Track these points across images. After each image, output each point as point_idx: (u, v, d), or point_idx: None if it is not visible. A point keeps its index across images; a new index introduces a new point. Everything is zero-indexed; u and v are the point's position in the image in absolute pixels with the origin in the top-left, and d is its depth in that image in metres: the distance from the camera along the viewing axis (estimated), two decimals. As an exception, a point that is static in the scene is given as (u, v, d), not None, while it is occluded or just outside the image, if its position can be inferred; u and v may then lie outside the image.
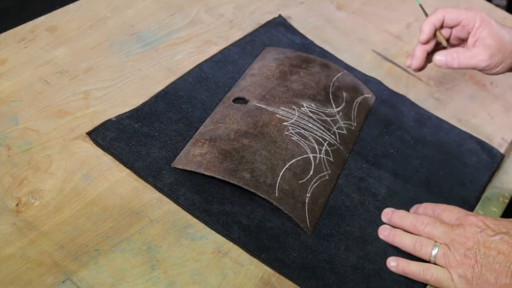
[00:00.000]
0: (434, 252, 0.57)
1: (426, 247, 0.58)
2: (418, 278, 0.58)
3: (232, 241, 0.58)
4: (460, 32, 0.71)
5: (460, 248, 0.55)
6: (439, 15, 0.70)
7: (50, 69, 0.69)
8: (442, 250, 0.57)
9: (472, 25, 0.69)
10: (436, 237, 0.58)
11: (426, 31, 0.70)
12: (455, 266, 0.55)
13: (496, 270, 0.54)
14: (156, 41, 0.77)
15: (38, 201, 0.57)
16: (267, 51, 0.79)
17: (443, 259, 0.56)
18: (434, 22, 0.70)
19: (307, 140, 0.66)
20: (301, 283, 0.56)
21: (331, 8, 0.92)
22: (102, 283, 0.52)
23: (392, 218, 0.62)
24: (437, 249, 0.57)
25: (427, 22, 0.70)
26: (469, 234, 0.56)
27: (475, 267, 0.54)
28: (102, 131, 0.63)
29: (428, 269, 0.57)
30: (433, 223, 0.58)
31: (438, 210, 0.60)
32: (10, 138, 0.61)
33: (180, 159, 0.62)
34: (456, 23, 0.70)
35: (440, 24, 0.70)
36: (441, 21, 0.70)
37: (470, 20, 0.69)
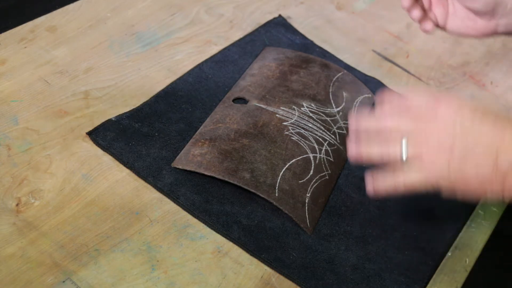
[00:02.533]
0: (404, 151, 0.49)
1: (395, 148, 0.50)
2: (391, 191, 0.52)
3: (232, 241, 0.58)
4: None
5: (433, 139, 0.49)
6: None
7: (50, 69, 0.69)
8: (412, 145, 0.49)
9: None
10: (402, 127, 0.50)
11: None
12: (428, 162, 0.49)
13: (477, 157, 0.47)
14: (156, 41, 0.77)
15: (38, 201, 0.57)
16: (267, 51, 0.79)
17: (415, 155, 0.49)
18: None
19: (307, 140, 0.66)
20: (301, 283, 0.56)
21: (331, 8, 0.92)
22: (102, 283, 0.52)
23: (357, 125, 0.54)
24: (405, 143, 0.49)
25: None
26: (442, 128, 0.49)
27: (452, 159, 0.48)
28: (102, 131, 0.63)
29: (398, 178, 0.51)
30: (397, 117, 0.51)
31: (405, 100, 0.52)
32: (10, 138, 0.61)
33: (180, 159, 0.62)
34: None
35: None
36: None
37: None
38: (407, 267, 0.60)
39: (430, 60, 0.86)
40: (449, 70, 0.86)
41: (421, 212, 0.65)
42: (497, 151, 0.47)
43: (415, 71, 0.84)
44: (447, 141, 0.48)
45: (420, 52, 0.87)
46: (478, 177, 0.48)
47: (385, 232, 0.62)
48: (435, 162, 0.48)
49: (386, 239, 0.62)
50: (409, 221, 0.64)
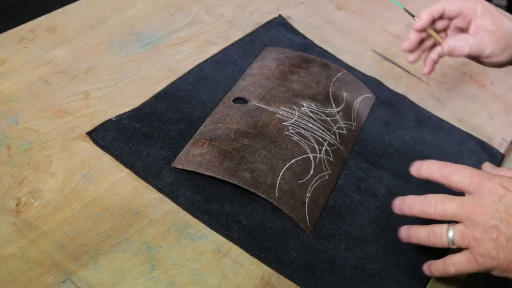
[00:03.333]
0: (450, 235, 0.51)
1: (441, 233, 0.52)
2: (444, 275, 0.54)
3: (232, 241, 0.58)
4: (461, 22, 0.70)
5: (479, 223, 0.49)
6: (440, 6, 0.69)
7: (50, 69, 0.69)
8: (459, 231, 0.50)
9: (473, 14, 0.68)
10: (449, 216, 0.51)
11: (423, 19, 0.69)
12: (475, 245, 0.49)
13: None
14: (156, 41, 0.77)
15: (38, 201, 0.57)
16: (267, 51, 0.79)
17: (462, 240, 0.50)
18: (433, 11, 0.69)
19: (307, 140, 0.66)
20: (301, 283, 0.56)
21: (331, 8, 0.92)
22: (102, 283, 0.52)
23: (403, 209, 0.56)
24: (452, 231, 0.51)
25: (426, 10, 0.69)
26: (486, 204, 0.49)
27: (498, 241, 0.48)
28: (102, 131, 0.63)
29: (448, 263, 0.52)
30: (441, 201, 0.52)
31: (447, 172, 0.53)
32: (10, 138, 0.61)
33: (180, 159, 0.62)
34: (457, 14, 0.69)
35: (440, 14, 0.69)
36: (441, 11, 0.69)
37: (471, 9, 0.68)
38: (407, 267, 0.60)
39: (430, 60, 0.86)
40: (449, 70, 0.87)
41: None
42: None
43: (415, 71, 0.84)
44: (492, 222, 0.48)
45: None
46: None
47: (385, 232, 0.62)
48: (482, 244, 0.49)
49: (386, 239, 0.62)
50: (409, 221, 0.64)
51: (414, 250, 0.61)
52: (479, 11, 0.68)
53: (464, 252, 0.51)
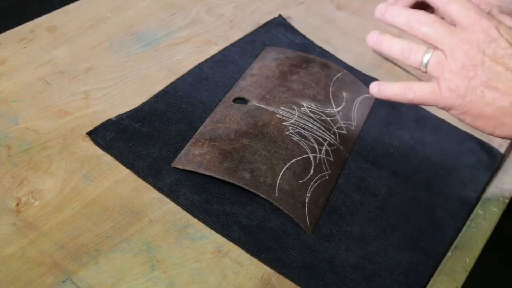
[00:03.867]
0: (426, 58, 0.48)
1: (417, 52, 0.48)
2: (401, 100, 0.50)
3: (232, 241, 0.58)
4: None
5: (460, 57, 0.46)
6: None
7: (50, 69, 0.69)
8: (436, 58, 0.47)
9: None
10: (433, 39, 0.47)
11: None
12: (448, 78, 0.46)
13: (498, 89, 0.45)
14: (156, 41, 0.77)
15: (38, 201, 0.57)
16: (267, 51, 0.79)
17: (436, 68, 0.47)
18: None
19: (307, 140, 0.66)
20: (301, 283, 0.56)
21: (331, 8, 0.92)
22: (102, 283, 0.52)
23: (386, 15, 0.51)
24: (430, 55, 0.48)
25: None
26: (475, 41, 0.46)
27: (472, 81, 0.45)
28: (102, 131, 0.63)
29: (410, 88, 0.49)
30: (432, 22, 0.48)
31: None
32: (10, 138, 0.61)
33: (180, 159, 0.62)
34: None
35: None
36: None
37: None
38: (407, 267, 0.60)
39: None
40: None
41: (421, 212, 0.66)
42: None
43: (415, 71, 0.84)
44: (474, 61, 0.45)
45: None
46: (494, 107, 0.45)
47: (385, 232, 0.62)
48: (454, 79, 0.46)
49: (386, 239, 0.62)
50: (409, 221, 0.64)
51: (414, 250, 0.61)
52: None
53: (430, 83, 0.48)
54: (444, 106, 0.48)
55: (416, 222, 0.64)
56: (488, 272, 0.64)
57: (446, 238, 0.63)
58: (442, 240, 0.63)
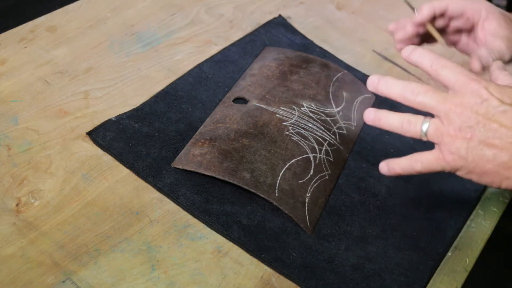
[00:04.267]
0: (425, 128, 0.50)
1: (415, 124, 0.51)
2: (411, 173, 0.53)
3: (232, 241, 0.58)
4: (463, 24, 0.68)
5: (456, 120, 0.48)
6: (443, 3, 0.66)
7: (50, 69, 0.69)
8: (434, 125, 0.50)
9: (477, 17, 0.66)
10: (428, 108, 0.50)
11: (424, 13, 0.66)
12: (448, 142, 0.49)
13: (496, 146, 0.47)
14: (156, 41, 0.77)
15: (38, 201, 0.57)
16: (267, 51, 0.79)
17: (435, 135, 0.50)
18: (436, 7, 0.66)
19: (307, 140, 0.66)
20: (301, 283, 0.56)
21: (331, 8, 0.92)
22: (102, 283, 0.52)
23: (379, 87, 0.53)
24: (428, 124, 0.50)
25: (428, 4, 0.66)
26: (467, 104, 0.48)
27: (470, 142, 0.48)
28: (102, 131, 0.63)
29: (416, 160, 0.52)
30: (425, 92, 0.50)
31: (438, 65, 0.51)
32: (10, 138, 0.61)
33: (180, 159, 0.62)
34: (459, 14, 0.67)
35: (441, 12, 0.67)
36: (444, 9, 0.67)
37: (475, 12, 0.66)
38: (407, 267, 0.60)
39: (430, 60, 0.86)
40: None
41: (421, 212, 0.66)
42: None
43: (415, 71, 0.84)
44: (469, 123, 0.48)
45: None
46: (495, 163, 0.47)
47: (385, 232, 0.62)
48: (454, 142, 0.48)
49: (386, 239, 0.62)
50: (409, 221, 0.64)
51: (414, 250, 0.61)
52: (484, 13, 0.66)
53: (433, 150, 0.51)
54: (451, 169, 0.50)
55: (416, 222, 0.64)
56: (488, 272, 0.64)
57: (446, 238, 0.63)
58: (442, 240, 0.63)
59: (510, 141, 0.47)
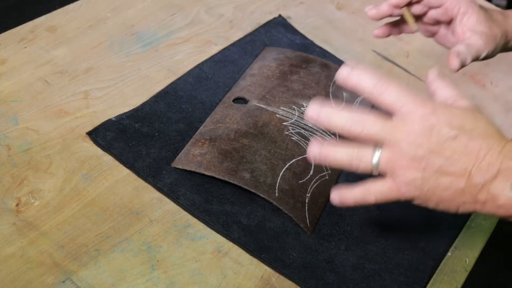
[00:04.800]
0: (375, 160, 0.47)
1: (365, 157, 0.47)
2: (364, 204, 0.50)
3: (232, 241, 0.58)
4: (441, 15, 0.66)
5: (407, 151, 0.45)
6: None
7: (50, 69, 0.69)
8: (385, 156, 0.46)
9: (457, 10, 0.64)
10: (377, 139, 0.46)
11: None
12: (401, 174, 0.46)
13: (451, 173, 0.45)
14: (156, 41, 0.77)
15: (38, 201, 0.57)
16: (267, 51, 0.79)
17: (387, 167, 0.47)
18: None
19: (307, 140, 0.66)
20: (301, 283, 0.56)
21: (331, 8, 0.92)
22: (102, 283, 0.52)
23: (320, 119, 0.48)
24: (378, 155, 0.46)
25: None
26: (417, 132, 0.45)
27: (425, 172, 0.46)
28: (102, 131, 0.63)
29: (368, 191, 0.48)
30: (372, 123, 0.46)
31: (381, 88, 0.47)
32: (10, 138, 0.61)
33: (180, 159, 0.62)
34: (438, 4, 0.65)
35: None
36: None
37: (454, 4, 0.64)
38: (407, 267, 0.60)
39: (430, 60, 0.86)
40: (448, 70, 0.86)
41: (421, 212, 0.65)
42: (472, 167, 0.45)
43: (415, 71, 0.84)
44: (421, 152, 0.45)
45: (420, 52, 0.87)
46: (451, 190, 0.46)
47: (385, 232, 0.62)
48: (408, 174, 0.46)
49: (386, 239, 0.62)
50: (409, 221, 0.64)
51: (414, 250, 0.61)
52: (463, 7, 0.64)
53: (385, 180, 0.48)
54: (406, 199, 0.48)
55: (416, 222, 0.64)
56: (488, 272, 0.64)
57: (446, 238, 0.63)
58: (442, 240, 0.63)
59: (465, 167, 0.45)
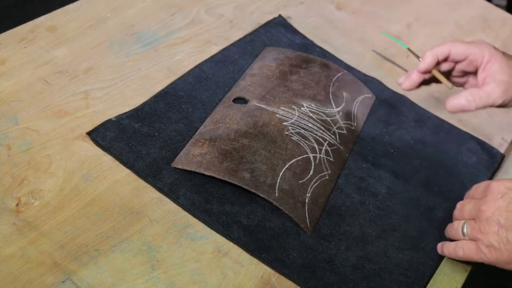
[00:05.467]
0: (464, 230, 0.58)
1: (457, 228, 0.59)
2: (453, 257, 0.60)
3: (232, 241, 0.58)
4: (467, 67, 0.68)
5: (484, 218, 0.56)
6: (445, 49, 0.66)
7: (50, 69, 0.69)
8: (470, 226, 0.58)
9: (480, 60, 0.66)
10: (466, 215, 0.59)
11: (427, 61, 0.67)
12: (481, 237, 0.56)
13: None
14: (156, 41, 0.77)
15: (38, 201, 0.57)
16: (267, 51, 0.79)
17: (471, 234, 0.57)
18: (438, 54, 0.67)
19: (307, 140, 0.66)
20: (301, 283, 0.56)
21: (331, 8, 0.92)
22: (102, 283, 0.52)
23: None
24: (466, 225, 0.58)
25: (431, 52, 0.67)
26: (490, 202, 0.56)
27: (499, 233, 0.54)
28: (102, 131, 0.63)
29: (459, 246, 0.59)
30: (462, 206, 0.61)
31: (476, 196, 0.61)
32: (10, 138, 0.61)
33: (180, 159, 0.62)
34: (463, 58, 0.67)
35: (445, 57, 0.67)
36: (446, 54, 0.67)
37: (478, 55, 0.66)
38: (407, 267, 0.60)
39: (430, 60, 0.86)
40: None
41: (421, 212, 0.66)
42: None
43: (415, 71, 0.84)
44: (495, 216, 0.55)
45: (420, 52, 0.87)
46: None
47: (385, 232, 0.63)
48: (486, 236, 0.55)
49: (386, 239, 0.62)
50: (409, 221, 0.64)
51: (414, 250, 0.61)
52: (487, 57, 0.65)
53: (473, 242, 0.57)
54: (490, 261, 0.56)
55: (416, 222, 0.64)
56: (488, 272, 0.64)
57: (446, 238, 0.63)
58: (442, 240, 0.63)
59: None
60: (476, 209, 0.57)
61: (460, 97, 0.66)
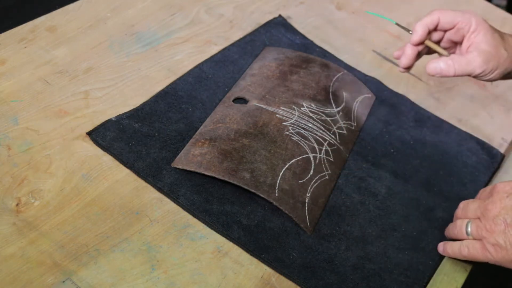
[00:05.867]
0: (468, 229, 0.58)
1: (461, 227, 0.59)
2: (457, 256, 0.59)
3: (232, 241, 0.58)
4: (454, 35, 0.69)
5: (490, 217, 0.56)
6: (434, 17, 0.67)
7: (50, 69, 0.69)
8: (474, 224, 0.58)
9: (467, 28, 0.67)
10: (470, 215, 0.59)
11: (419, 32, 0.67)
12: (487, 236, 0.56)
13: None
14: (156, 41, 0.77)
15: (38, 201, 0.57)
16: (267, 51, 0.79)
17: (476, 232, 0.57)
18: (428, 23, 0.67)
19: (307, 140, 0.66)
20: (301, 283, 0.56)
21: (331, 8, 0.92)
22: (102, 283, 0.52)
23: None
24: (470, 225, 0.58)
25: (420, 23, 0.68)
26: (496, 201, 0.56)
27: (506, 232, 0.54)
28: (102, 131, 0.63)
29: (464, 245, 0.58)
30: (466, 205, 0.61)
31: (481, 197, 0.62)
32: (10, 138, 0.61)
33: (180, 159, 0.62)
34: (451, 26, 0.68)
35: (434, 26, 0.68)
36: (436, 23, 0.68)
37: (465, 23, 0.67)
38: (407, 267, 0.60)
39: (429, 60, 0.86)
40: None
41: (421, 212, 0.66)
42: None
43: (415, 71, 0.84)
44: (501, 214, 0.55)
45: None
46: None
47: (385, 232, 0.63)
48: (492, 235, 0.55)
49: (386, 239, 0.62)
50: (409, 221, 0.64)
51: (414, 250, 0.61)
52: (473, 26, 0.66)
53: (478, 241, 0.57)
54: (495, 261, 0.56)
55: (416, 222, 0.64)
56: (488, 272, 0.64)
57: (446, 238, 0.63)
58: (442, 240, 0.63)
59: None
60: (481, 208, 0.57)
61: (440, 61, 0.67)
